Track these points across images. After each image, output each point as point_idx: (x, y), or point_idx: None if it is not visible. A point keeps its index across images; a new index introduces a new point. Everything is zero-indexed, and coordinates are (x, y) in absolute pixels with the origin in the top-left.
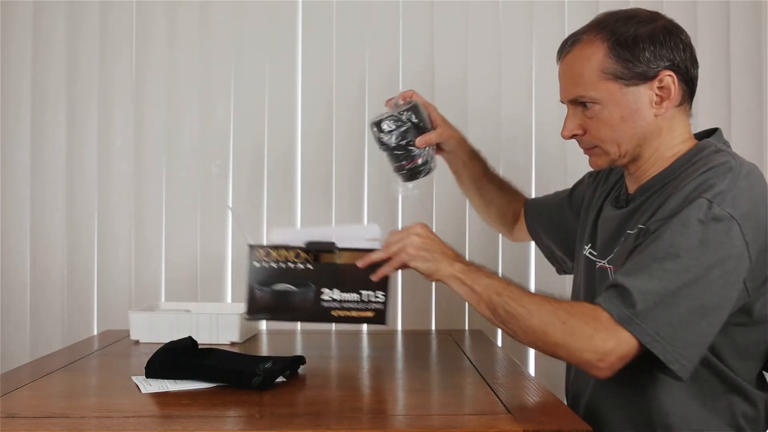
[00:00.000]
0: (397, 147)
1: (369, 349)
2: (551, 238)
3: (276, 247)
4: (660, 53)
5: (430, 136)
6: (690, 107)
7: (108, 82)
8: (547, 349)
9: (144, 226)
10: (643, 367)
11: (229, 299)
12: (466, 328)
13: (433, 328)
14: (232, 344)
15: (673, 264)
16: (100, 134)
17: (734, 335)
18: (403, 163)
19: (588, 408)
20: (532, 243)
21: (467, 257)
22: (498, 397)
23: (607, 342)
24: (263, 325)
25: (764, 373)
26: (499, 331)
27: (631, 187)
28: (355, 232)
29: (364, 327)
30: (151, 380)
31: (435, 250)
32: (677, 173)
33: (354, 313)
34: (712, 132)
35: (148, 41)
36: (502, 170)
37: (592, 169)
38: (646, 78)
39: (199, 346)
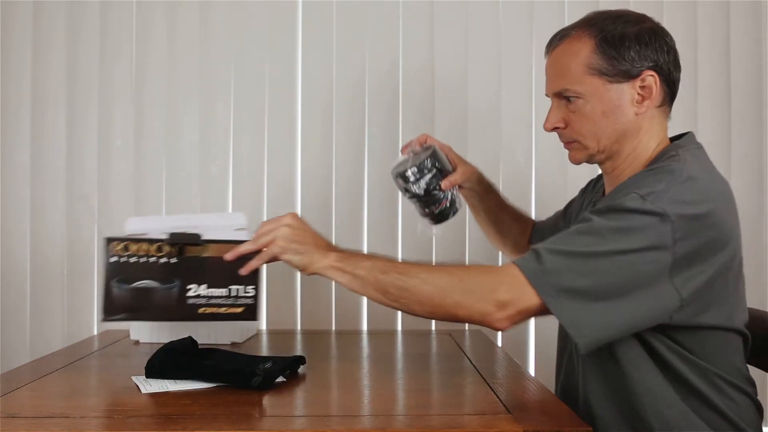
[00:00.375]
0: (425, 193)
1: (369, 349)
2: None
3: (136, 240)
4: (644, 53)
5: (455, 177)
6: (670, 110)
7: (108, 82)
8: (446, 313)
9: None
10: (630, 358)
11: None
12: (466, 328)
13: (433, 328)
14: (232, 344)
15: (592, 239)
16: (100, 134)
17: (702, 339)
18: (432, 208)
19: (579, 402)
20: None
21: (467, 264)
22: (498, 397)
23: (509, 293)
24: (263, 325)
25: (747, 365)
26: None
27: (607, 190)
28: (220, 221)
29: (364, 327)
30: (151, 380)
31: (307, 242)
32: None
33: (223, 310)
34: (683, 136)
35: (148, 41)
36: (502, 170)
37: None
38: (629, 76)
39: (199, 346)
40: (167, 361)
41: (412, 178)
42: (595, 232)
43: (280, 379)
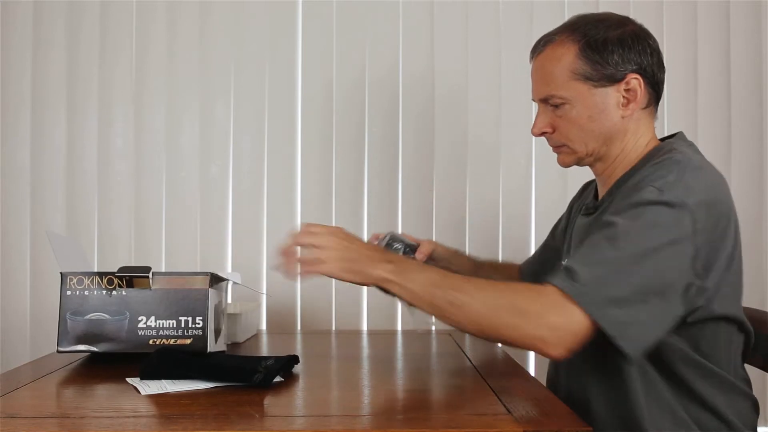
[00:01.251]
0: None
1: (369, 349)
2: None
3: (88, 275)
4: (628, 57)
5: (426, 248)
6: (656, 110)
7: (108, 83)
8: (495, 334)
9: (144, 226)
10: (626, 362)
11: (229, 299)
12: None
13: (433, 328)
14: (232, 344)
15: (620, 242)
16: (100, 134)
17: (706, 332)
18: None
19: (572, 401)
20: (532, 248)
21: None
22: (498, 397)
23: (558, 318)
24: (263, 325)
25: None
26: None
27: (600, 192)
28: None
29: (364, 327)
30: (149, 381)
31: (359, 259)
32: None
33: (172, 341)
34: (673, 136)
35: (148, 41)
36: (502, 170)
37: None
38: (613, 80)
39: None
40: (166, 361)
41: None
42: (621, 234)
43: (278, 379)
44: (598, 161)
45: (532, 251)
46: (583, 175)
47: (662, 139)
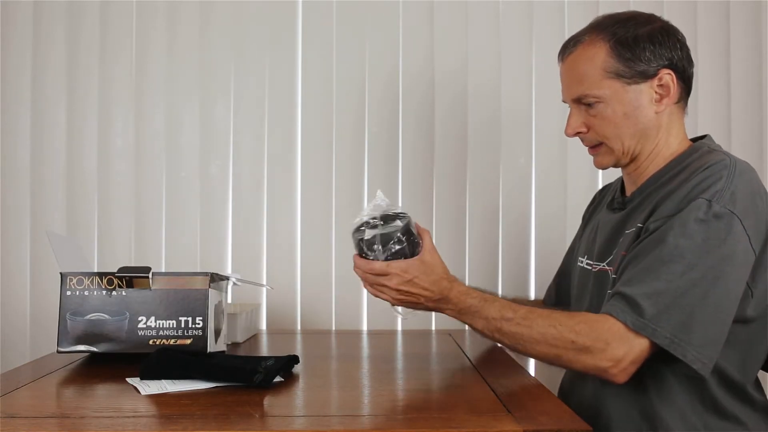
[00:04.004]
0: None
1: (369, 349)
2: None
3: (88, 275)
4: (659, 52)
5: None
6: (686, 105)
7: (108, 82)
8: (559, 365)
9: (144, 227)
10: (646, 367)
11: (229, 299)
12: (466, 328)
13: (433, 328)
14: (233, 344)
15: (678, 265)
16: (100, 134)
17: (737, 336)
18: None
19: (585, 405)
20: (532, 254)
21: (467, 267)
22: (498, 397)
23: (620, 350)
24: (263, 325)
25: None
26: None
27: (629, 189)
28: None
29: (364, 327)
30: (148, 381)
31: (417, 303)
32: (672, 173)
33: (172, 341)
34: (702, 138)
35: (148, 41)
36: (502, 171)
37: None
38: (646, 76)
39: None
40: (166, 360)
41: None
42: (678, 257)
43: (278, 379)
44: (632, 161)
45: (532, 252)
46: (583, 175)
47: (692, 140)
